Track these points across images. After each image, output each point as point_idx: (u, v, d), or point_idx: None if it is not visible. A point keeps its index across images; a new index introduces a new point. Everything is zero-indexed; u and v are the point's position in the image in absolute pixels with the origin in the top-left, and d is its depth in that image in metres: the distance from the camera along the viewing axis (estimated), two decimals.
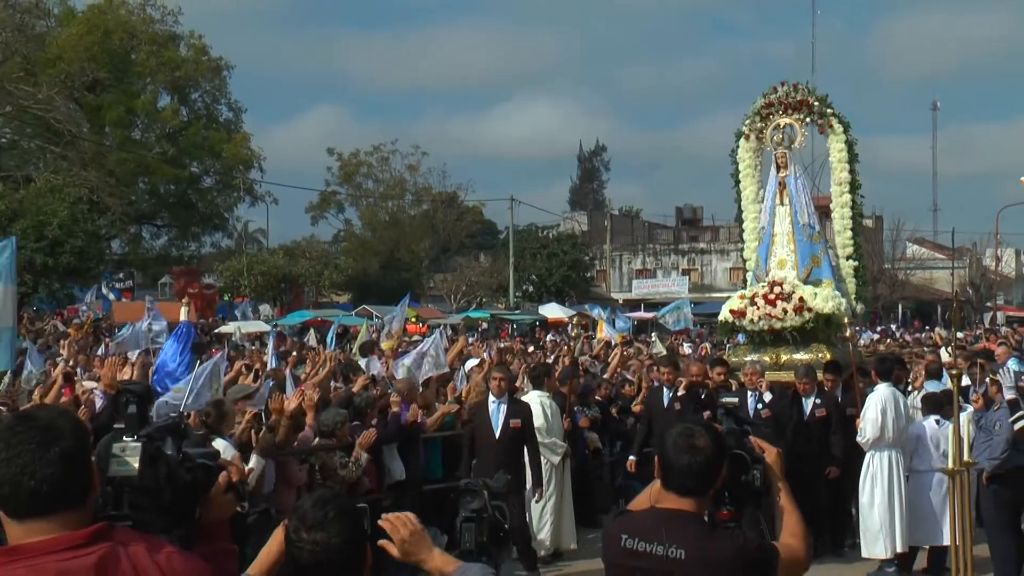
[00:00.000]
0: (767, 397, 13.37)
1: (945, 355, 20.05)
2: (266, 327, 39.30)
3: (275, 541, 3.90)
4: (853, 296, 15.81)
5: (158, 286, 56.32)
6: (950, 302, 67.52)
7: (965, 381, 13.99)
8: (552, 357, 24.51)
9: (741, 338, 18.00)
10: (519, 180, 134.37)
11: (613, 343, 28.38)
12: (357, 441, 12.18)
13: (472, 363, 19.30)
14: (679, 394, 13.75)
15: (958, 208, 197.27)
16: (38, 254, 43.83)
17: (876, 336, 45.52)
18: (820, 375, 14.09)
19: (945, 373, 14.87)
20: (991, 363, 15.09)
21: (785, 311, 14.81)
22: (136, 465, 3.51)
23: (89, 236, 48.69)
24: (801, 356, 14.55)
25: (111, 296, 43.42)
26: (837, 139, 15.82)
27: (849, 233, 15.99)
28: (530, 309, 60.11)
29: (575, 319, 47.98)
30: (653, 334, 40.45)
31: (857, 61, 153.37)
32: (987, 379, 13.58)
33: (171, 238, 69.70)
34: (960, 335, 29.93)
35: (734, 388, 14.01)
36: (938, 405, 13.08)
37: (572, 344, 20.63)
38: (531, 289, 67.94)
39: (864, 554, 13.14)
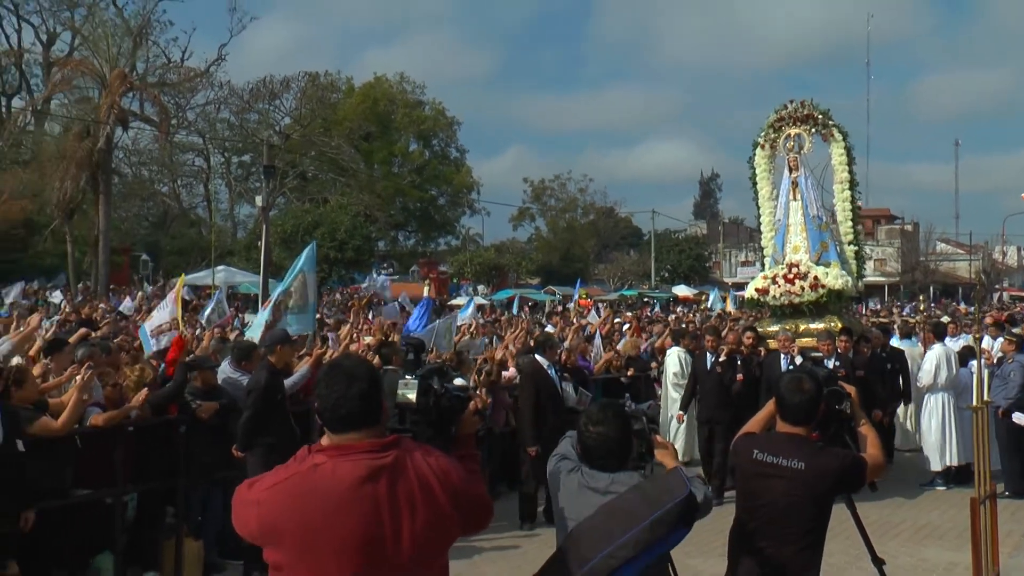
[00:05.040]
0: (799, 360, 11.79)
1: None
2: (484, 302, 37.72)
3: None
4: (855, 276, 14.33)
5: (409, 273, 57.83)
6: (970, 285, 65.86)
7: (986, 343, 13.63)
8: (684, 323, 23.33)
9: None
10: (657, 197, 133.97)
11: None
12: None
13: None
14: (720, 359, 12.30)
15: (974, 216, 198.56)
16: (331, 251, 45.40)
17: (877, 307, 43.47)
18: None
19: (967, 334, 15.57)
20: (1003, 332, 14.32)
21: (802, 288, 13.49)
22: (414, 395, 3.53)
23: (364, 238, 50.42)
24: (816, 325, 13.19)
25: (382, 279, 45.47)
26: (838, 145, 14.40)
27: (849, 223, 14.57)
28: (665, 289, 60.13)
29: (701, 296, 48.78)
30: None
31: (899, 109, 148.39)
32: (1002, 338, 13.25)
33: (417, 240, 70.07)
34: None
35: (763, 353, 12.87)
36: (966, 358, 12.70)
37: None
38: (666, 275, 66.81)
39: (931, 467, 12.60)
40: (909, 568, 8.74)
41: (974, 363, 9.74)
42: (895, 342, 15.22)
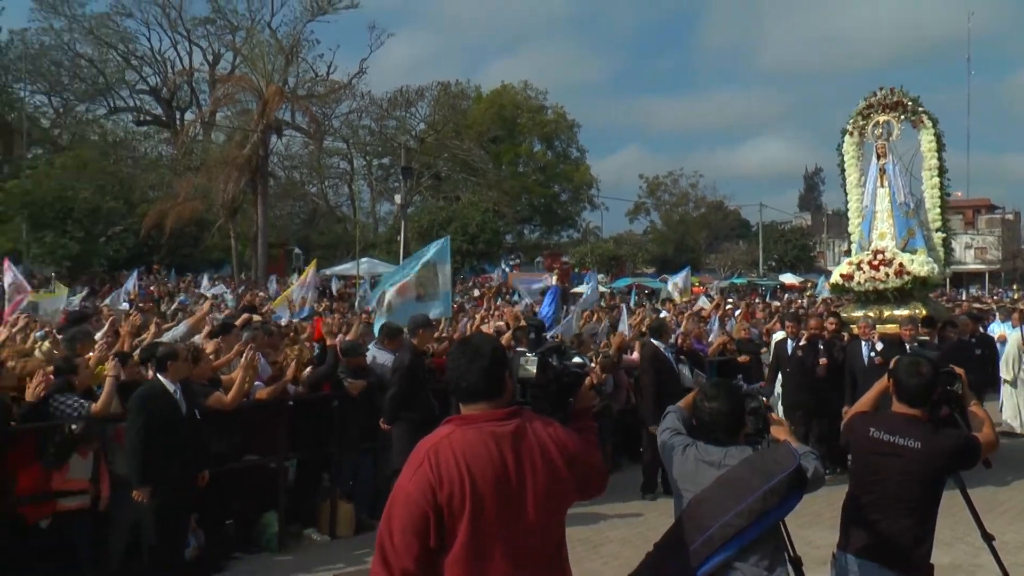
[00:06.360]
0: (879, 346, 11.27)
1: None
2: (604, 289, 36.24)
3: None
4: (942, 263, 13.56)
5: (534, 263, 58.05)
6: None
7: None
8: (793, 308, 22.26)
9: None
10: (764, 191, 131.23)
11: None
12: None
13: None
14: (801, 344, 11.84)
15: None
16: (464, 244, 45.43)
17: (977, 295, 41.24)
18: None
19: None
20: None
21: (887, 275, 12.72)
22: (534, 370, 3.47)
23: (493, 232, 50.62)
24: (901, 312, 12.47)
25: (506, 270, 45.83)
26: (928, 132, 13.54)
27: (938, 210, 13.72)
28: (772, 277, 58.99)
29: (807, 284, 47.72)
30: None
31: (998, 101, 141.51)
32: None
33: (542, 233, 69.66)
34: None
35: (846, 338, 12.23)
36: None
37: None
38: (773, 263, 65.61)
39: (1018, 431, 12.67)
40: (1017, 545, 8.39)
41: None
42: (996, 327, 14.58)
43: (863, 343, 11.62)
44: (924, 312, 12.62)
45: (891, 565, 4.38)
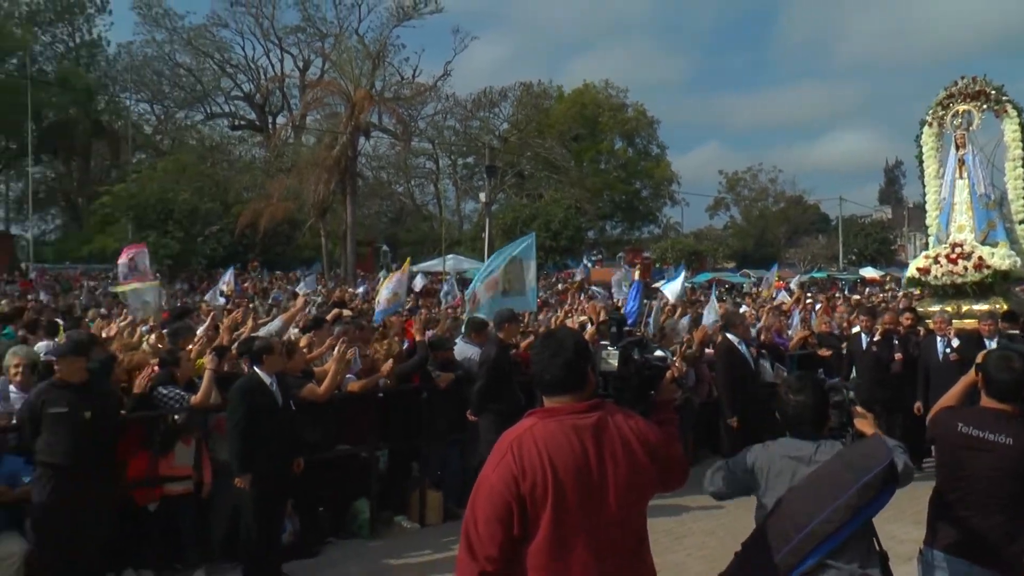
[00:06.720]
0: (955, 342, 10.84)
1: None
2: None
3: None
4: None
5: (616, 259, 57.71)
6: None
7: None
8: (874, 302, 22.05)
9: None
10: (843, 185, 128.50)
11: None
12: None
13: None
14: (875, 339, 11.38)
15: None
16: (547, 240, 45.19)
17: None
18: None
19: None
20: None
21: (965, 268, 12.44)
22: (616, 364, 3.45)
23: (576, 228, 50.21)
24: (980, 307, 12.08)
25: (589, 265, 45.66)
26: (1012, 122, 13.05)
27: (1021, 202, 13.18)
28: (853, 271, 57.70)
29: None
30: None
31: None
32: None
33: (623, 229, 69.30)
34: None
35: (922, 333, 11.71)
36: None
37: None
38: (853, 257, 64.24)
39: None
40: None
41: None
42: None
43: (938, 339, 11.12)
44: (1005, 307, 12.21)
45: (980, 561, 4.26)
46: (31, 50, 49.86)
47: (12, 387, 7.30)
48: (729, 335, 10.72)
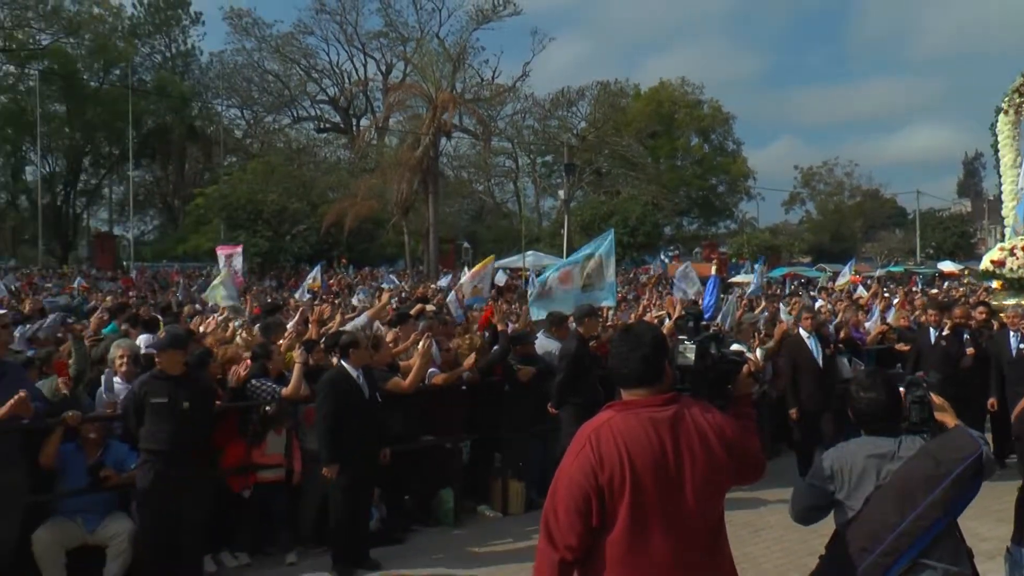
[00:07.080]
0: None
1: None
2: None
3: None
4: None
5: (693, 254, 57.25)
6: None
7: None
8: (953, 295, 21.24)
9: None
10: (920, 178, 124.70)
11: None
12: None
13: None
14: (944, 333, 10.88)
15: None
16: (624, 236, 45.06)
17: None
18: None
19: None
20: None
21: None
22: (692, 358, 3.43)
23: (653, 224, 50.35)
24: None
25: (665, 260, 45.30)
26: None
27: None
28: (930, 265, 56.13)
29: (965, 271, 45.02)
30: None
31: None
32: None
33: (699, 224, 69.08)
34: None
35: (995, 328, 11.14)
36: None
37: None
38: (931, 251, 62.46)
39: None
40: None
41: None
42: None
43: (1011, 333, 10.40)
44: None
45: None
46: (132, 61, 51.55)
47: (117, 378, 7.52)
48: (801, 329, 10.59)
